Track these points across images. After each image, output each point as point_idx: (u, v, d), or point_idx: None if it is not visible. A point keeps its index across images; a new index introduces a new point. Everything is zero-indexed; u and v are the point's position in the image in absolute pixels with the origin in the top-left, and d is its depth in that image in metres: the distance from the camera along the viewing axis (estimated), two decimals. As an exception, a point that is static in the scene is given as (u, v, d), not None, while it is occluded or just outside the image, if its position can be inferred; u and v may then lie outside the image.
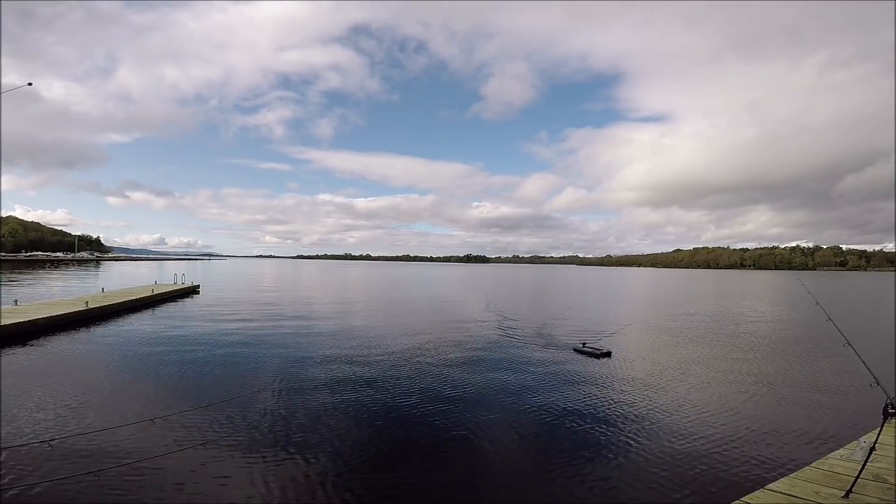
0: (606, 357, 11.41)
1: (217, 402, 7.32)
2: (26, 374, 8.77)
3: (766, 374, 10.18)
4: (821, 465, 4.64)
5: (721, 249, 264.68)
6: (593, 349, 11.84)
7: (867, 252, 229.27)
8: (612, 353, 11.76)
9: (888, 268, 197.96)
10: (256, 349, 11.69)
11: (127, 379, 8.73)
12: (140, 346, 11.73)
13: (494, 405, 7.67)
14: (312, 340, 13.12)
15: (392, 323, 17.56)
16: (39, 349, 11.07)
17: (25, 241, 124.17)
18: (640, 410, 7.47)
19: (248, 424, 6.43)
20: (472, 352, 12.00)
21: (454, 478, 5.15)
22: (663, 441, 6.18)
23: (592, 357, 11.40)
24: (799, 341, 14.75)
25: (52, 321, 13.63)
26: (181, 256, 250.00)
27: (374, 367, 10.04)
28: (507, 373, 9.80)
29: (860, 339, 11.91)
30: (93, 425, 6.17)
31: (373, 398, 7.82)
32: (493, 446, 6.04)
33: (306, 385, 8.51)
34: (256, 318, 17.72)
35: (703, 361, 11.31)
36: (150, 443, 5.64)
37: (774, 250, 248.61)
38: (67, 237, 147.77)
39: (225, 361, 10.30)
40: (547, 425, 6.79)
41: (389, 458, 5.61)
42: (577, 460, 5.57)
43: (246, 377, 9.00)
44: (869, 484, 4.08)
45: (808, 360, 11.69)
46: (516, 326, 16.89)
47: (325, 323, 16.96)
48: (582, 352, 11.92)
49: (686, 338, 15.04)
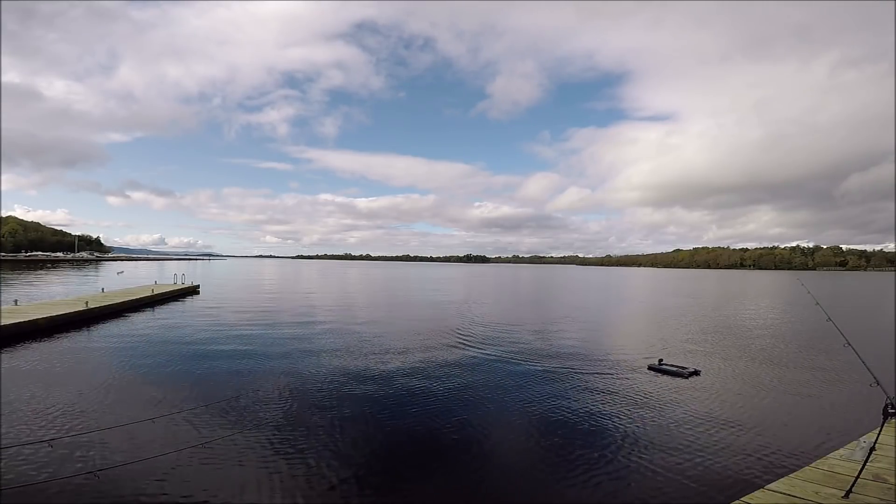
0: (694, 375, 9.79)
1: (217, 401, 7.32)
2: (26, 374, 8.77)
3: (766, 374, 10.17)
4: (821, 465, 4.64)
5: (721, 249, 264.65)
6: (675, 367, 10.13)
7: (867, 252, 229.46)
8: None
9: (888, 268, 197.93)
10: (256, 349, 11.68)
11: (127, 379, 8.73)
12: (140, 346, 11.73)
13: (489, 398, 7.70)
14: (312, 340, 13.12)
15: (393, 323, 17.57)
16: (39, 349, 11.07)
17: (25, 241, 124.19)
18: (636, 410, 7.47)
19: (249, 424, 6.43)
20: (477, 350, 12.02)
21: (455, 479, 5.15)
22: (663, 441, 6.18)
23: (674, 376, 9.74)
24: (798, 341, 14.74)
25: (53, 321, 13.63)
26: (181, 256, 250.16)
27: (376, 367, 10.03)
28: (507, 369, 9.83)
29: (860, 339, 11.90)
30: (93, 425, 6.17)
31: (375, 398, 7.82)
32: (488, 439, 6.05)
33: (307, 385, 8.51)
34: (256, 318, 17.72)
35: (702, 361, 11.30)
36: (150, 443, 5.64)
37: (774, 250, 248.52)
38: (67, 237, 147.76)
39: (225, 361, 10.29)
40: (543, 427, 6.79)
41: (392, 458, 5.61)
42: (576, 460, 5.57)
43: (246, 377, 9.00)
44: (869, 484, 4.08)
45: (808, 360, 11.69)
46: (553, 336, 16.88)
47: (326, 323, 16.96)
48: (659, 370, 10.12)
49: (685, 336, 15.05)
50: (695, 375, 9.76)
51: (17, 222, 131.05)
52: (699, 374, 9.85)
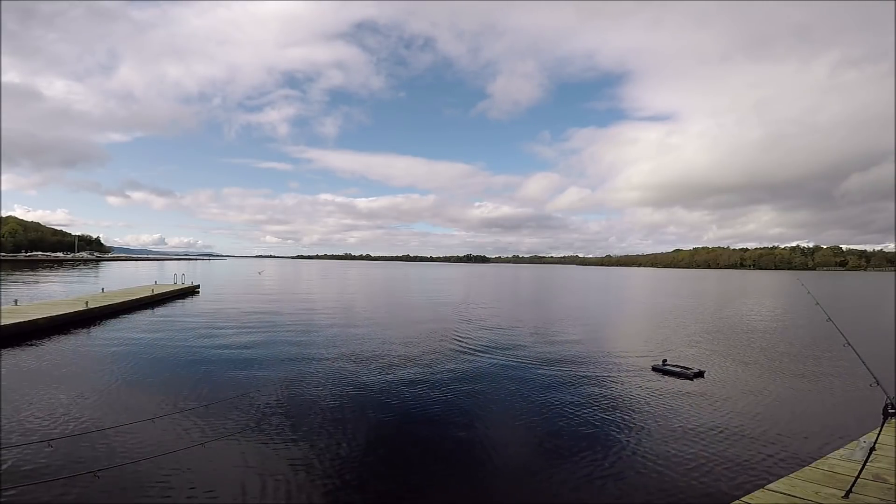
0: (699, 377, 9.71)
1: (217, 401, 7.32)
2: (26, 374, 8.77)
3: (767, 374, 10.18)
4: (821, 465, 4.64)
5: (721, 249, 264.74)
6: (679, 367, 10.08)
7: (867, 252, 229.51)
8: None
9: (888, 268, 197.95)
10: (256, 349, 11.69)
11: (127, 379, 8.73)
12: (140, 346, 11.73)
13: (492, 399, 7.70)
14: (313, 340, 13.12)
15: (394, 324, 17.57)
16: (39, 349, 11.07)
17: (25, 241, 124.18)
18: (639, 410, 7.47)
19: (249, 424, 6.43)
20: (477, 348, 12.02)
21: (458, 480, 5.15)
22: (663, 441, 6.18)
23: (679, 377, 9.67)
24: (799, 341, 14.74)
25: (53, 321, 13.63)
26: (181, 256, 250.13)
27: (376, 367, 10.03)
28: (502, 363, 9.83)
29: (860, 339, 11.90)
30: (93, 425, 6.17)
31: (375, 398, 7.82)
32: (491, 440, 6.05)
33: (307, 385, 8.51)
34: (256, 319, 17.72)
35: (705, 361, 11.30)
36: (150, 443, 5.64)
37: (774, 250, 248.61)
38: (67, 237, 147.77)
39: (225, 361, 10.30)
40: (546, 428, 6.79)
41: (393, 458, 5.61)
42: (575, 460, 5.57)
43: (246, 377, 9.00)
44: (869, 484, 4.08)
45: (809, 361, 11.69)
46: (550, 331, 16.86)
47: (326, 323, 16.96)
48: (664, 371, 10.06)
49: (689, 335, 15.05)
50: (699, 377, 9.68)
51: (17, 222, 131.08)
52: (703, 376, 9.76)
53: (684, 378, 9.56)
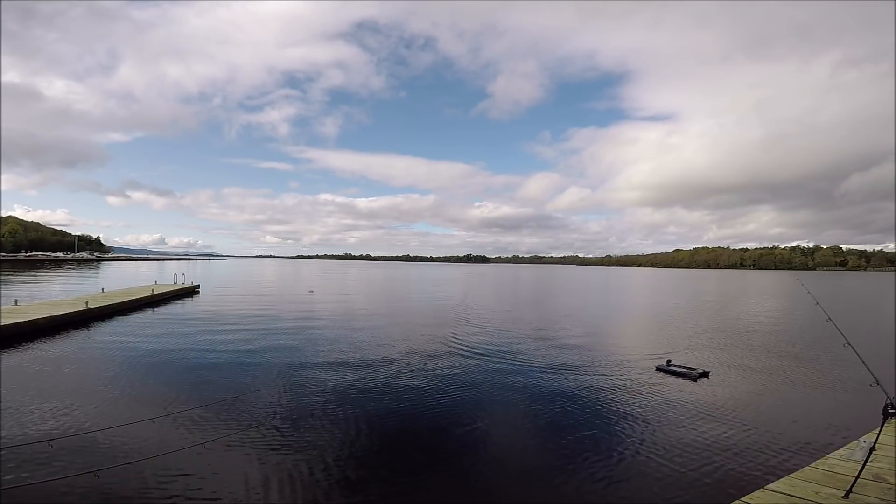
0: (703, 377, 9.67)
1: (217, 401, 7.32)
2: (26, 374, 8.77)
3: (768, 374, 10.18)
4: (821, 465, 4.64)
5: (721, 249, 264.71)
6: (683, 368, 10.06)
7: (867, 252, 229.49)
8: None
9: (888, 268, 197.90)
10: (256, 349, 11.69)
11: (127, 379, 8.73)
12: (140, 346, 11.73)
13: (493, 400, 7.70)
14: (313, 340, 13.12)
15: (394, 324, 17.56)
16: (40, 349, 11.07)
17: (25, 241, 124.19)
18: (642, 411, 7.47)
19: (249, 424, 6.43)
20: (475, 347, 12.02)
21: (459, 480, 5.15)
22: (663, 441, 6.19)
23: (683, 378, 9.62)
24: (799, 341, 14.74)
25: (53, 321, 13.63)
26: (181, 256, 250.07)
27: (376, 367, 10.03)
28: (500, 361, 9.81)
29: (860, 339, 11.91)
30: (93, 425, 6.17)
31: (376, 398, 7.82)
32: (493, 439, 6.05)
33: (307, 384, 8.51)
34: (256, 318, 17.72)
35: (707, 362, 11.30)
36: (150, 443, 5.65)
37: (774, 250, 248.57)
38: (67, 237, 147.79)
39: (225, 361, 10.30)
40: (548, 427, 6.79)
41: (393, 458, 5.61)
42: (576, 460, 5.57)
43: (246, 377, 9.00)
44: (869, 484, 4.08)
45: (809, 360, 11.69)
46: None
47: (326, 323, 16.97)
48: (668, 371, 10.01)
49: (686, 337, 15.04)
50: (704, 377, 9.62)
51: (17, 222, 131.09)
52: (708, 377, 9.70)
53: (688, 379, 9.54)
